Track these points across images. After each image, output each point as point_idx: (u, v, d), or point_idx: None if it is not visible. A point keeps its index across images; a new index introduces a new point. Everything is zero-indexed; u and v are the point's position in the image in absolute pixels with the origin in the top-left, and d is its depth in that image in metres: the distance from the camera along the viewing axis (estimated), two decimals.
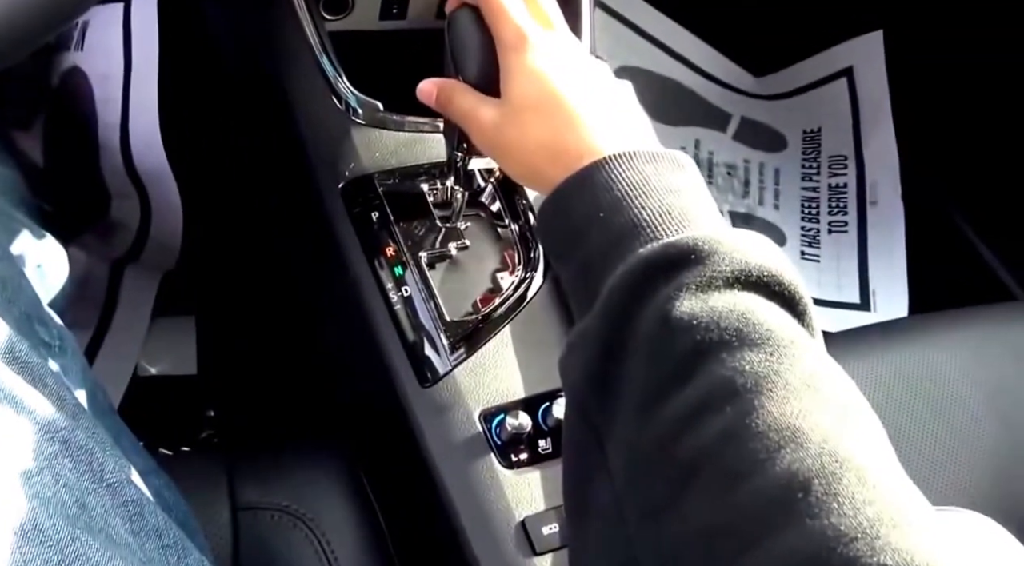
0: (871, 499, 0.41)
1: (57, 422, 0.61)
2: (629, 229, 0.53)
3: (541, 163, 0.60)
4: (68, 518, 0.57)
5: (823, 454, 0.42)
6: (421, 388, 0.74)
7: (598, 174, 0.56)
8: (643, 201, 0.54)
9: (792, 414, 0.44)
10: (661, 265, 0.50)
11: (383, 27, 0.99)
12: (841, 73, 1.59)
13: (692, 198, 0.56)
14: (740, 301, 0.48)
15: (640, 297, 0.50)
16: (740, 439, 0.43)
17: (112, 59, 1.05)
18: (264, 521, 0.77)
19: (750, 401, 0.44)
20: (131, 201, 1.11)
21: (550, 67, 0.62)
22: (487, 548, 0.69)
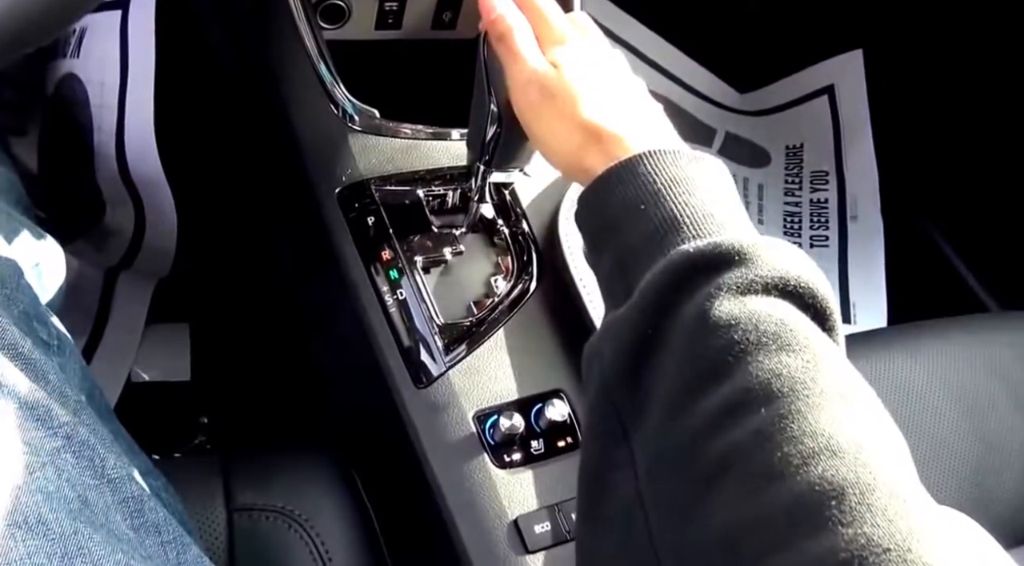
0: (903, 512, 0.41)
1: (59, 418, 0.61)
2: (671, 223, 0.54)
3: (581, 149, 0.62)
4: (70, 512, 0.57)
5: (857, 464, 0.42)
6: (416, 389, 0.75)
7: (642, 165, 0.56)
8: (686, 199, 0.55)
9: (827, 421, 0.44)
10: (703, 263, 0.50)
11: (379, 37, 1.01)
12: (823, 90, 1.62)
13: (732, 204, 0.57)
14: (778, 307, 0.49)
15: (680, 292, 0.50)
16: (774, 441, 0.43)
17: (108, 66, 1.04)
18: (259, 523, 0.77)
19: (786, 404, 0.45)
20: (125, 208, 1.11)
21: (577, 92, 0.64)
22: (480, 546, 0.70)
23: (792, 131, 1.63)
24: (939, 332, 1.03)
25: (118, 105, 1.05)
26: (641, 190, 0.55)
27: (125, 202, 1.11)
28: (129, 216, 1.12)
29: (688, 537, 0.45)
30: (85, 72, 1.08)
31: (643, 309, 0.51)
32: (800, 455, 0.42)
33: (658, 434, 0.48)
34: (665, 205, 0.54)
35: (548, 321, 0.80)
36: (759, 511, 0.42)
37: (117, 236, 1.14)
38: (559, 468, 0.74)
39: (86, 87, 1.08)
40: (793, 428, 0.43)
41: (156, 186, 1.07)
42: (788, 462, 0.42)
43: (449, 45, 1.05)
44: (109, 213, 1.13)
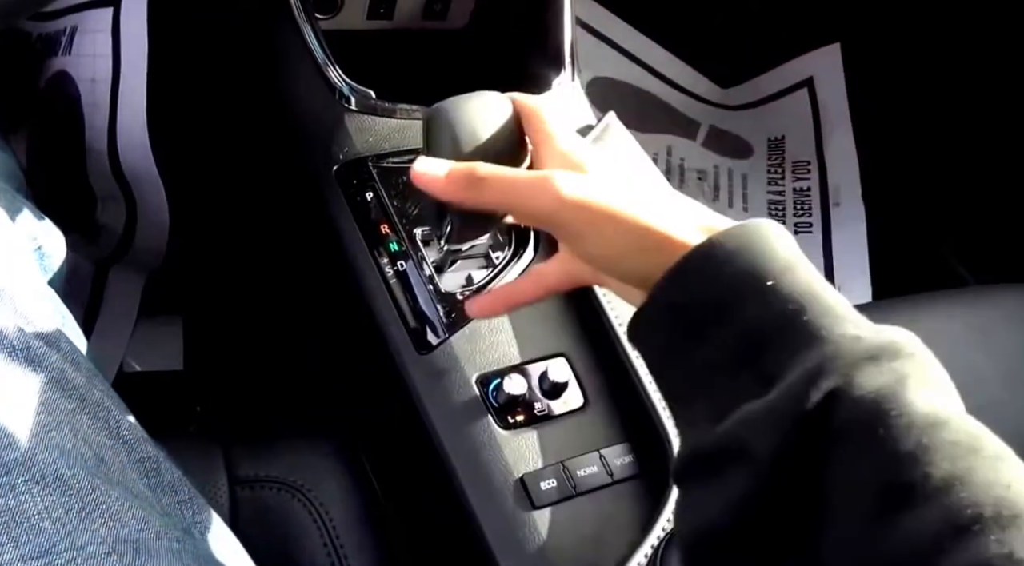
0: None
1: (73, 380, 0.62)
2: (807, 302, 0.47)
3: (648, 237, 0.52)
4: (87, 469, 0.58)
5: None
6: (418, 355, 0.76)
7: (761, 236, 0.49)
8: (813, 276, 0.49)
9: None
10: (876, 351, 0.45)
11: (370, 27, 1.02)
12: (802, 83, 1.65)
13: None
14: (961, 409, 0.45)
15: (857, 377, 0.44)
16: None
17: (100, 63, 1.05)
18: (262, 495, 0.78)
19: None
20: (117, 203, 1.11)
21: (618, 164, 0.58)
22: (487, 504, 0.71)
23: (773, 123, 1.66)
24: (927, 306, 1.05)
25: (110, 101, 1.05)
26: (763, 261, 0.48)
27: (116, 198, 1.11)
28: (120, 212, 1.12)
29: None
30: (76, 70, 1.08)
31: (808, 396, 0.44)
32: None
33: (855, 551, 0.42)
34: (797, 277, 0.48)
35: None
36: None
37: (108, 231, 1.14)
38: (563, 427, 0.75)
39: (77, 85, 1.08)
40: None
41: (148, 182, 1.07)
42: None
43: (439, 35, 1.07)
44: (99, 210, 1.13)
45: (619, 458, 0.75)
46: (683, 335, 0.50)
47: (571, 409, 0.77)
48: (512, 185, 0.56)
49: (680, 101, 1.65)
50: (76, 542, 0.55)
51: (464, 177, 0.56)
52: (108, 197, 1.12)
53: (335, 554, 0.77)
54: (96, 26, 1.05)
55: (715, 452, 0.47)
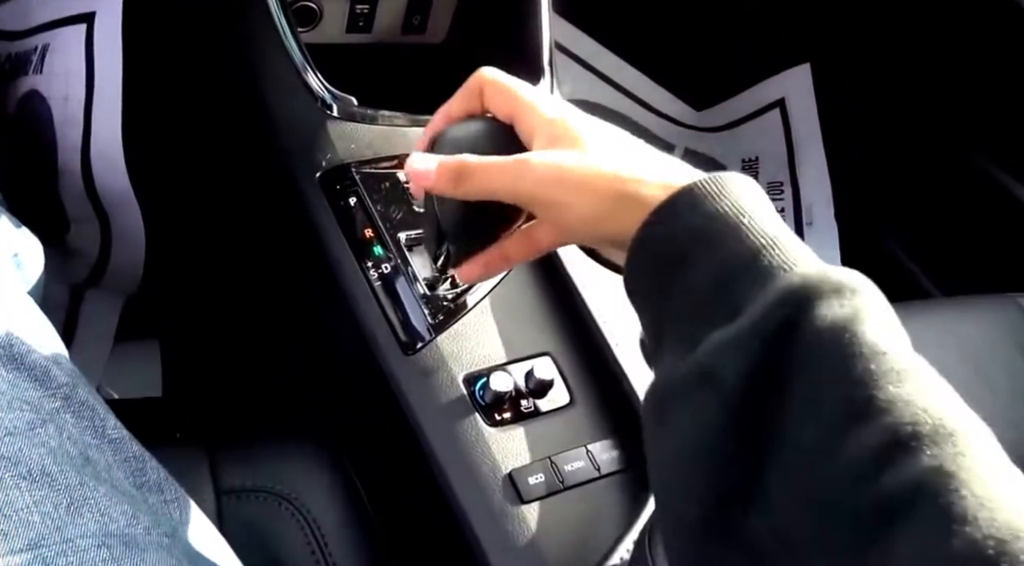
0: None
1: (57, 379, 0.62)
2: (773, 241, 0.50)
3: (623, 199, 0.55)
4: (74, 466, 0.57)
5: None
6: (404, 356, 0.76)
7: (731, 184, 0.53)
8: (779, 218, 0.52)
9: (1006, 460, 0.43)
10: (834, 285, 0.47)
11: (349, 40, 1.03)
12: (774, 104, 1.67)
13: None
14: (906, 341, 0.47)
15: (817, 311, 0.46)
16: (958, 479, 0.40)
17: (73, 81, 1.04)
18: (249, 503, 0.77)
19: (963, 442, 0.42)
20: (91, 226, 1.10)
21: (596, 121, 0.61)
22: (476, 500, 0.71)
23: (747, 145, 1.68)
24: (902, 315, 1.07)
25: (84, 120, 1.04)
26: (733, 204, 0.51)
27: (91, 219, 1.10)
28: (95, 234, 1.11)
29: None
30: (48, 88, 1.07)
31: (770, 326, 0.46)
32: (991, 499, 0.40)
33: (806, 468, 0.44)
34: (761, 221, 0.51)
35: (533, 289, 0.82)
36: (955, 558, 0.39)
37: (82, 254, 1.13)
38: (550, 424, 0.76)
39: (49, 104, 1.07)
40: (977, 469, 0.41)
41: (123, 202, 1.06)
42: (981, 504, 0.39)
43: (418, 48, 1.08)
44: (74, 231, 1.12)
45: (605, 452, 0.75)
46: (663, 274, 0.53)
47: (557, 406, 0.77)
48: (493, 170, 0.59)
49: (655, 123, 1.67)
50: (65, 535, 0.54)
51: (453, 169, 0.60)
52: (81, 219, 1.10)
53: (324, 561, 0.76)
54: (69, 44, 1.05)
55: (687, 379, 0.49)
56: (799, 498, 0.44)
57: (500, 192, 0.60)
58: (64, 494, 0.56)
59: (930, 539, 0.39)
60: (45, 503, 0.55)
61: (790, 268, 0.49)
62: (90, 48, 1.03)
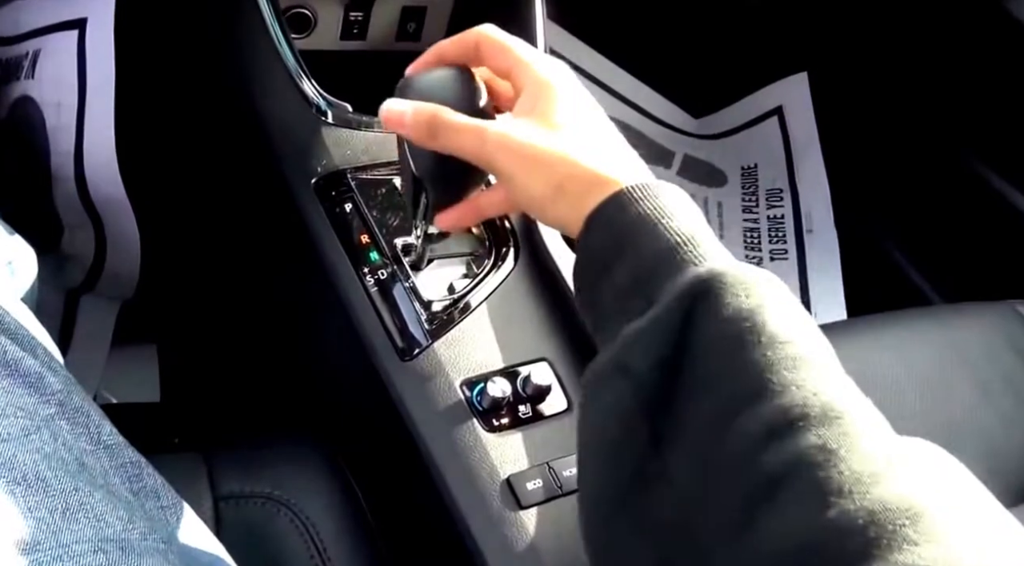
0: (968, 531, 0.41)
1: (52, 385, 0.61)
2: (687, 239, 0.53)
3: (576, 185, 0.58)
4: (69, 472, 0.57)
5: (920, 482, 0.43)
6: (401, 362, 0.76)
7: (654, 188, 0.57)
8: (696, 218, 0.56)
9: (890, 442, 0.45)
10: (734, 280, 0.50)
11: (344, 47, 1.03)
12: (772, 112, 1.67)
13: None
14: (809, 332, 0.50)
15: (716, 302, 0.49)
16: (838, 456, 0.43)
17: (65, 87, 1.03)
18: (246, 510, 0.77)
19: (850, 423, 0.45)
20: (85, 232, 1.10)
21: (578, 94, 0.64)
22: (474, 506, 0.70)
23: (746, 152, 1.69)
24: (895, 323, 1.08)
25: (76, 126, 1.03)
26: (657, 207, 0.55)
27: (85, 225, 1.09)
28: (89, 239, 1.10)
29: (744, 552, 0.44)
30: (40, 94, 1.07)
31: (675, 316, 0.50)
32: (869, 473, 0.42)
33: (702, 447, 0.47)
34: (681, 221, 0.55)
35: (529, 295, 0.82)
36: (827, 530, 0.41)
37: (76, 261, 1.13)
38: (548, 430, 0.75)
39: (42, 109, 1.06)
40: (859, 446, 0.43)
41: (118, 207, 1.05)
42: (856, 478, 0.42)
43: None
44: (67, 237, 1.12)
45: None
46: (596, 274, 0.57)
47: (555, 412, 0.77)
48: (460, 130, 0.62)
49: (654, 131, 1.68)
50: (61, 541, 0.54)
51: (426, 121, 0.63)
52: (76, 225, 1.10)
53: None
54: (61, 49, 1.04)
55: (605, 369, 0.52)
56: (694, 480, 0.47)
57: (465, 152, 0.63)
58: (59, 499, 0.56)
59: (808, 509, 0.42)
60: (40, 508, 0.55)
61: (700, 263, 0.52)
62: (82, 54, 1.02)
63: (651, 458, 0.49)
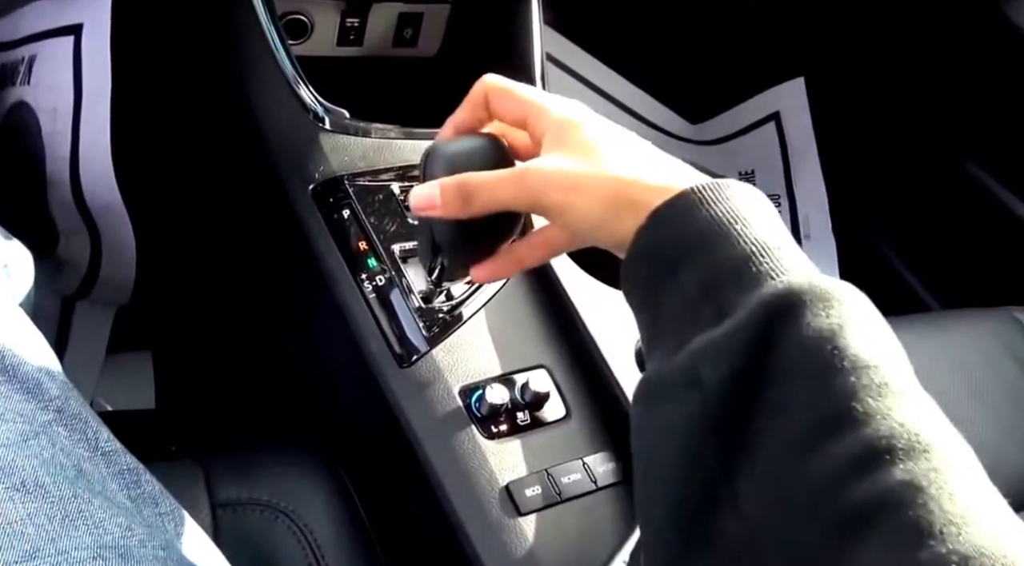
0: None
1: (50, 391, 0.61)
2: (764, 247, 0.50)
3: (624, 201, 0.56)
4: (67, 478, 0.57)
5: (1010, 527, 0.41)
6: (400, 369, 0.76)
7: (728, 189, 0.53)
8: (774, 224, 0.53)
9: (974, 484, 0.43)
10: (821, 296, 0.47)
11: (340, 53, 1.03)
12: (769, 118, 1.67)
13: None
14: (894, 356, 0.47)
15: (797, 321, 0.46)
16: (928, 494, 0.41)
17: (61, 93, 1.03)
18: (244, 517, 0.77)
19: (935, 459, 0.42)
20: (81, 238, 1.09)
21: (604, 122, 0.61)
22: (473, 513, 0.70)
23: (743, 158, 1.68)
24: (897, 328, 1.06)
25: (72, 131, 1.03)
26: (731, 210, 0.52)
27: (80, 231, 1.09)
28: (85, 245, 1.10)
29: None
30: (36, 100, 1.06)
31: (753, 332, 0.47)
32: (960, 515, 0.40)
33: (779, 475, 0.45)
34: (758, 227, 0.51)
35: (527, 302, 0.82)
36: (919, 565, 0.39)
37: (72, 266, 1.12)
38: (546, 436, 0.75)
39: (37, 115, 1.06)
40: (948, 485, 0.41)
41: (113, 213, 1.05)
42: (948, 519, 0.40)
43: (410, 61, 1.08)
44: (63, 243, 1.11)
45: (602, 465, 0.75)
46: (658, 277, 0.53)
47: (554, 419, 0.77)
48: (497, 183, 0.60)
49: (650, 136, 1.66)
50: (60, 547, 0.54)
51: (456, 190, 0.61)
52: (71, 231, 1.10)
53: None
54: (57, 55, 1.04)
55: (671, 379, 0.49)
56: (770, 506, 0.44)
57: (508, 202, 0.61)
58: (58, 506, 0.56)
59: (896, 550, 0.40)
60: (39, 515, 0.54)
61: (778, 275, 0.49)
62: (78, 60, 1.02)
63: (720, 483, 0.46)
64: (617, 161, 0.57)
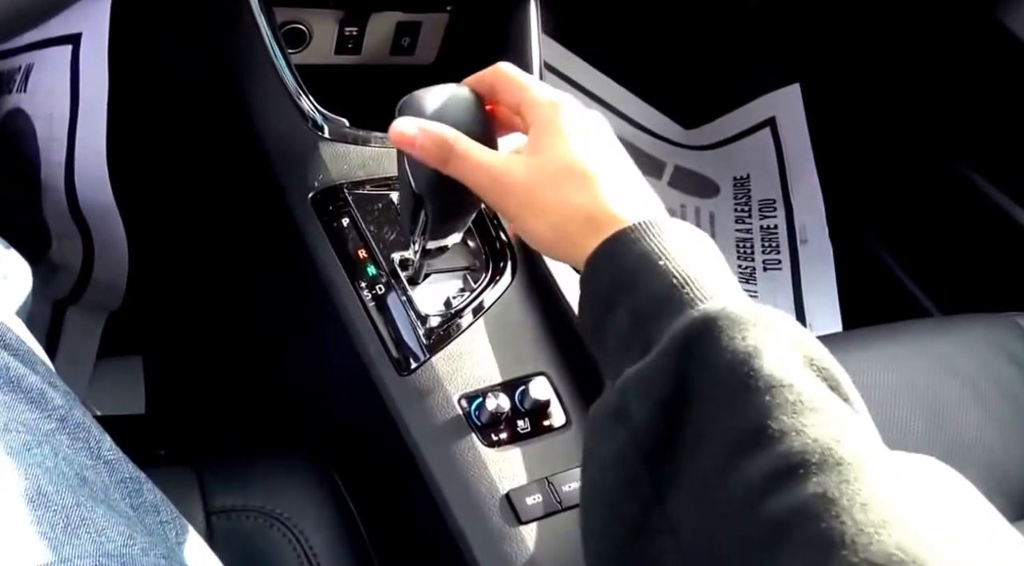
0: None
1: (52, 401, 0.62)
2: (689, 280, 0.52)
3: (575, 227, 0.59)
4: (70, 487, 0.57)
5: (923, 535, 0.41)
6: (399, 377, 0.76)
7: (657, 227, 0.56)
8: (701, 257, 0.55)
9: (887, 491, 0.43)
10: (737, 321, 0.49)
11: (338, 61, 1.03)
12: (764, 123, 1.68)
13: (727, 270, 0.57)
14: (809, 377, 0.48)
15: (714, 346, 0.48)
16: (840, 506, 0.42)
17: (58, 99, 1.03)
18: (239, 523, 0.77)
19: (848, 472, 0.43)
20: (73, 242, 1.09)
21: (582, 130, 0.62)
22: (474, 521, 0.70)
23: (738, 163, 1.69)
24: (892, 335, 1.08)
25: (68, 137, 1.03)
26: (659, 246, 0.54)
27: (73, 235, 1.09)
28: (77, 250, 1.10)
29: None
30: (32, 107, 1.07)
31: (672, 361, 0.49)
32: (871, 523, 0.41)
33: (703, 496, 0.46)
34: (683, 261, 0.54)
35: (527, 309, 0.82)
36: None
37: (64, 270, 1.12)
38: (546, 445, 0.75)
39: (33, 121, 1.06)
40: (861, 494, 0.42)
41: (107, 217, 1.05)
42: (858, 529, 0.41)
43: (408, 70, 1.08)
44: (55, 247, 1.11)
45: None
46: (600, 314, 0.56)
47: (554, 427, 0.77)
48: (472, 165, 0.63)
49: (645, 141, 1.68)
50: (63, 555, 0.54)
51: (437, 145, 0.63)
52: (64, 235, 1.10)
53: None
54: (54, 64, 1.04)
55: (605, 414, 0.52)
56: (698, 527, 0.46)
57: (475, 189, 0.63)
58: (61, 514, 0.56)
59: (809, 562, 0.41)
60: (42, 523, 0.55)
61: (699, 303, 0.51)
62: (75, 68, 1.02)
63: (653, 509, 0.48)
64: (575, 185, 0.59)
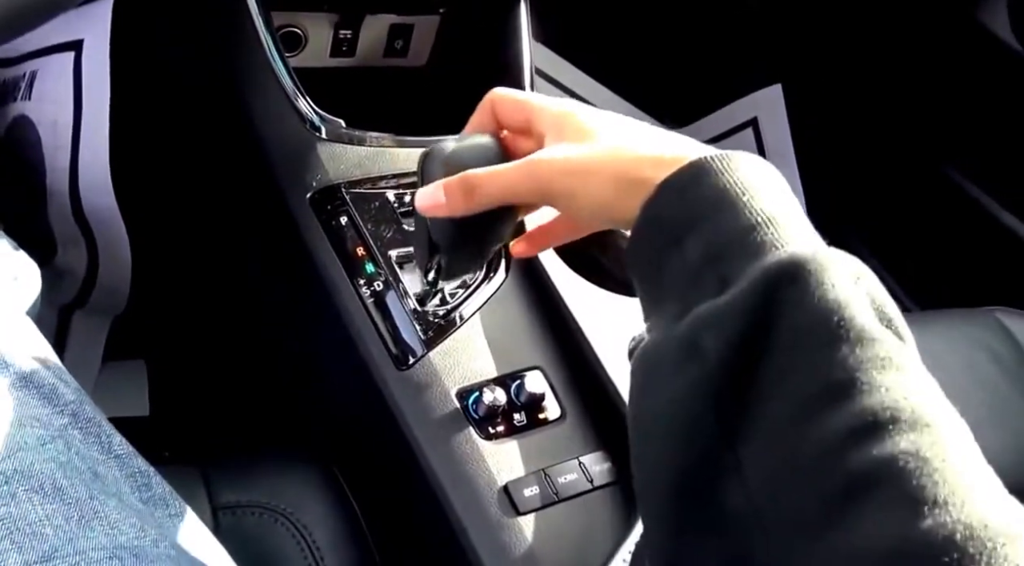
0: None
1: (65, 396, 0.63)
2: (771, 218, 0.50)
3: (637, 171, 0.55)
4: (84, 481, 0.59)
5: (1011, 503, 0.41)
6: (397, 372, 0.77)
7: (736, 160, 0.53)
8: (782, 197, 0.53)
9: (977, 460, 0.43)
10: (825, 266, 0.47)
11: (333, 64, 1.05)
12: (746, 124, 1.69)
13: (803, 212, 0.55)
14: (887, 332, 0.47)
15: (800, 289, 0.46)
16: (932, 465, 0.41)
17: (61, 106, 1.05)
18: (244, 519, 0.78)
19: (940, 432, 0.43)
20: (78, 248, 1.11)
21: (603, 113, 0.61)
22: (472, 513, 0.72)
23: None
24: None
25: (72, 144, 1.05)
26: (739, 181, 0.51)
27: (77, 241, 1.10)
28: (82, 255, 1.12)
29: (825, 551, 0.41)
30: (37, 114, 1.08)
31: (756, 300, 0.46)
32: (964, 487, 0.40)
33: (780, 442, 0.44)
34: (765, 198, 0.51)
35: (522, 305, 0.84)
36: (920, 540, 0.39)
37: (69, 276, 1.14)
38: (542, 437, 0.77)
39: (38, 128, 1.08)
40: (951, 457, 0.41)
41: (110, 223, 1.07)
42: (952, 491, 0.40)
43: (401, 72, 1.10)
44: (60, 253, 1.13)
45: (598, 464, 0.77)
46: (662, 247, 0.53)
47: (549, 419, 0.78)
48: (502, 175, 0.60)
49: None
50: (78, 547, 0.55)
51: (459, 186, 0.61)
52: (69, 241, 1.11)
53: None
54: (58, 71, 1.06)
55: (671, 348, 0.49)
56: (771, 474, 0.44)
57: (515, 194, 0.61)
58: (75, 507, 0.57)
59: (900, 516, 0.40)
60: (57, 516, 0.56)
61: (783, 246, 0.49)
62: (78, 75, 1.04)
63: (722, 449, 0.46)
64: (621, 141, 0.57)
